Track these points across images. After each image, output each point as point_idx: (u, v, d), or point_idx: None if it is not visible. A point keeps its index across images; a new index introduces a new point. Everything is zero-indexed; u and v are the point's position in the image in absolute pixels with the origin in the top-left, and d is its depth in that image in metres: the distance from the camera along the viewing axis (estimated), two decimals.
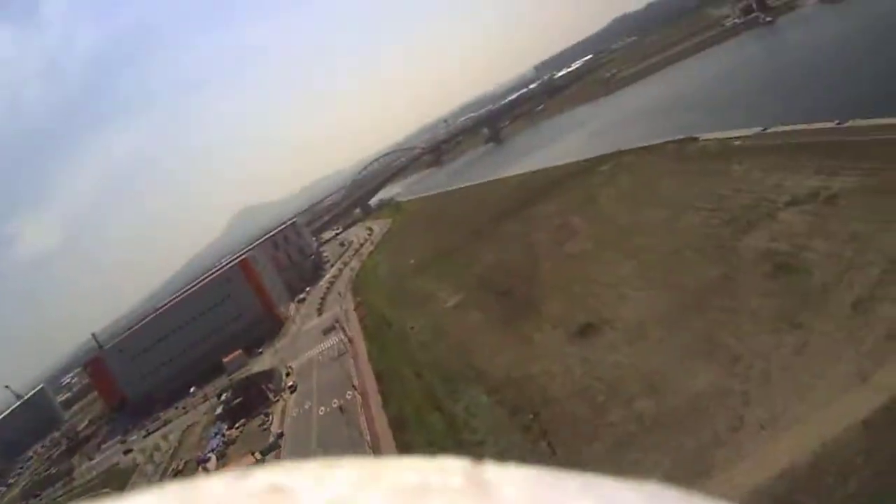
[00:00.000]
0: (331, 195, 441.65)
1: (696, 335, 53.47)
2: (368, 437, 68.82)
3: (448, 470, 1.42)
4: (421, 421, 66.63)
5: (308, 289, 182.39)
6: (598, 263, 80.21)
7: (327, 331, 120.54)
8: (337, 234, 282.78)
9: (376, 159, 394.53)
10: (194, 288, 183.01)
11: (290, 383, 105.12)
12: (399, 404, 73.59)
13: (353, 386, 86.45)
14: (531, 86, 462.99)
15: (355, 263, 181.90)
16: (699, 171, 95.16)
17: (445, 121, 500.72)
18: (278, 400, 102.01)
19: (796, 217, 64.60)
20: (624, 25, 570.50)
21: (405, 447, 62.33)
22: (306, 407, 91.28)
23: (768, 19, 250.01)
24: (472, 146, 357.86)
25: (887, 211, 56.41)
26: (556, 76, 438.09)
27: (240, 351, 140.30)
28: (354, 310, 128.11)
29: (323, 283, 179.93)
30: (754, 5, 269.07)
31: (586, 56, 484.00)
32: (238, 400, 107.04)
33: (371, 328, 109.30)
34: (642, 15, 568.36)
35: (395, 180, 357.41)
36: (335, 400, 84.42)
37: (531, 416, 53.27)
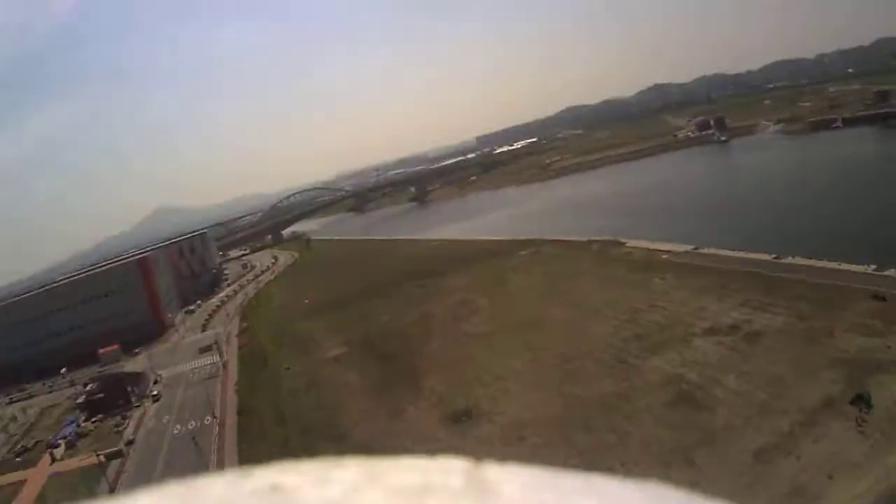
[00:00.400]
0: (248, 215, 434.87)
1: (578, 451, 48.55)
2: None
3: (448, 470, 1.42)
4: None
5: (200, 302, 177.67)
6: (493, 351, 74.61)
7: (205, 350, 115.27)
8: (243, 255, 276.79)
9: (301, 191, 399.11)
10: (89, 273, 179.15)
11: (155, 392, 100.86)
12: (252, 445, 68.44)
13: (214, 414, 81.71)
14: (469, 155, 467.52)
15: (252, 289, 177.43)
16: (619, 277, 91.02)
17: (377, 170, 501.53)
18: (139, 405, 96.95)
19: (712, 347, 60.07)
20: (575, 116, 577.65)
21: None
22: (164, 420, 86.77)
23: (723, 139, 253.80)
24: (397, 201, 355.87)
25: (811, 359, 52.50)
26: (495, 151, 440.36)
27: (117, 346, 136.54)
28: (237, 335, 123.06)
29: (216, 300, 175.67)
30: (712, 122, 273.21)
31: (531, 138, 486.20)
32: (101, 395, 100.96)
33: (248, 359, 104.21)
34: (595, 109, 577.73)
35: (313, 216, 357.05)
36: (193, 422, 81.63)
37: None
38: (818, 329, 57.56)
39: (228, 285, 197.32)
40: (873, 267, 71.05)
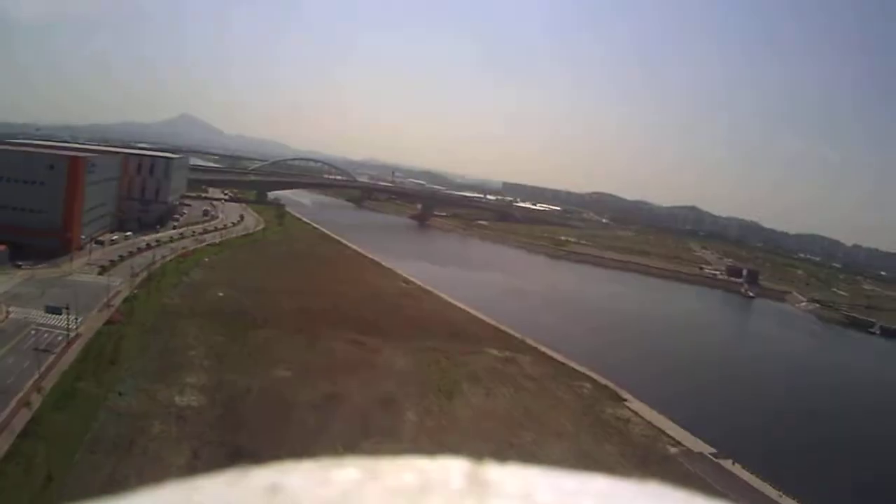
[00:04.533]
0: (259, 161, 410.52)
1: None
2: None
3: (448, 469, 1.44)
4: None
5: (130, 234, 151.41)
6: None
7: (53, 310, 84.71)
8: (217, 200, 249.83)
9: (317, 161, 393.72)
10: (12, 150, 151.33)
11: None
12: None
13: None
14: (489, 197, 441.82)
15: (187, 244, 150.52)
16: (607, 466, 63.26)
17: (395, 172, 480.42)
18: None
19: None
20: (604, 203, 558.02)
21: None
22: None
23: (750, 294, 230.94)
24: (399, 212, 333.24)
25: None
26: (515, 203, 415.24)
27: (4, 247, 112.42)
28: (118, 305, 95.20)
29: (148, 238, 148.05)
30: (744, 272, 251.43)
31: (556, 206, 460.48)
32: None
33: (98, 345, 78.50)
34: (626, 205, 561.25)
35: (311, 189, 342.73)
36: None
37: None
38: None
39: (174, 228, 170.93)
40: None
